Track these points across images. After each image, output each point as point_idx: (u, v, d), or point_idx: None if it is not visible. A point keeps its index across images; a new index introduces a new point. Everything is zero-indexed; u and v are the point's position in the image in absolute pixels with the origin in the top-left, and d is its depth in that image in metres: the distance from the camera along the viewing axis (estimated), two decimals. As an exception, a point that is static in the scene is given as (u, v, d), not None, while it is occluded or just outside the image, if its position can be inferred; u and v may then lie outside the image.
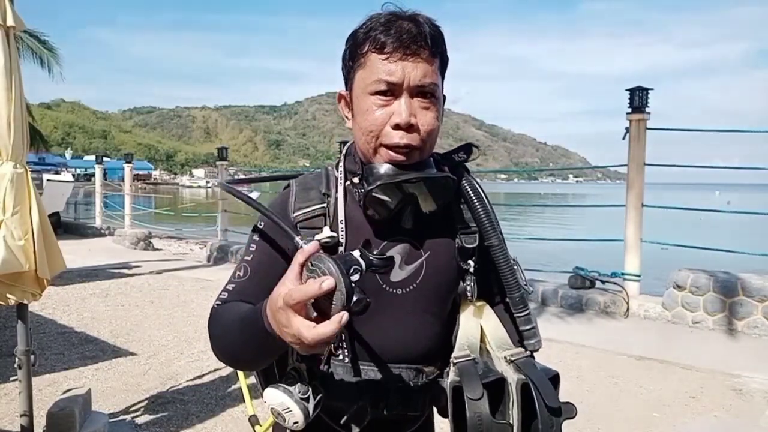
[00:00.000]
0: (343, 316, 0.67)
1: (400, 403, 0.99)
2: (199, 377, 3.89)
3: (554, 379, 0.88)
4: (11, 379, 3.68)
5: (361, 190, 0.94)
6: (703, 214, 8.32)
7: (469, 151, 1.02)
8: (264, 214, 0.98)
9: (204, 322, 0.98)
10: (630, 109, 5.79)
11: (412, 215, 0.96)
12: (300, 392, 0.88)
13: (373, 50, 0.91)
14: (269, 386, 0.90)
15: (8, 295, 2.42)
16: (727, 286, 5.08)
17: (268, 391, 0.90)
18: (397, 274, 0.98)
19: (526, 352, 0.93)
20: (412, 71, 0.90)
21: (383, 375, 0.98)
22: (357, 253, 0.76)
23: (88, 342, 4.65)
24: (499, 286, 1.02)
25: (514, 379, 0.85)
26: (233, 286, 0.98)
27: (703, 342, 4.80)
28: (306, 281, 0.70)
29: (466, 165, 1.04)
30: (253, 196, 1.10)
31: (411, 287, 0.99)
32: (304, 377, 0.92)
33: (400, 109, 0.90)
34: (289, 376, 0.92)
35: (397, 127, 0.90)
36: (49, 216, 2.82)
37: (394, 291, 0.99)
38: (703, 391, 3.71)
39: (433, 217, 0.97)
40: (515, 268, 0.98)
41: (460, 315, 1.02)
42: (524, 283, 0.99)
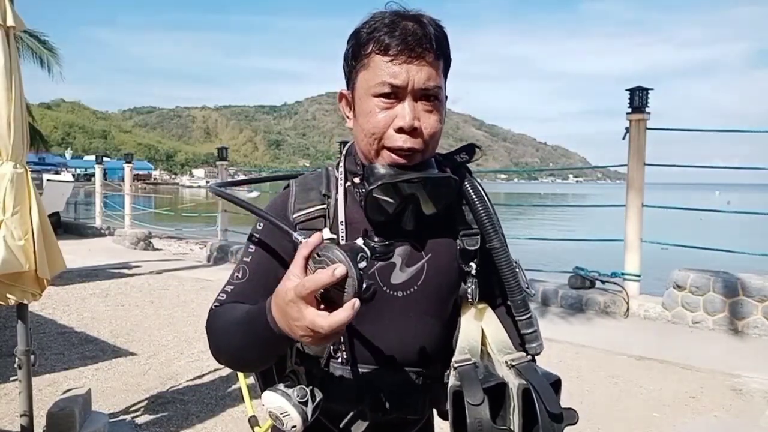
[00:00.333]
0: (355, 302, 0.67)
1: (400, 406, 0.98)
2: (199, 377, 3.89)
3: (555, 384, 0.87)
4: (11, 379, 3.68)
5: (362, 190, 0.93)
6: (703, 214, 8.32)
7: (471, 152, 1.01)
8: (256, 214, 0.97)
9: (204, 322, 0.97)
10: (630, 109, 5.79)
11: (414, 216, 0.95)
12: (298, 395, 0.87)
13: (377, 51, 0.89)
14: (267, 389, 0.89)
15: (8, 295, 2.42)
16: (727, 286, 5.08)
17: (267, 395, 0.89)
18: (398, 276, 0.97)
19: (527, 356, 0.92)
20: (417, 74, 0.88)
21: (383, 378, 0.97)
22: (360, 241, 0.76)
23: (88, 342, 4.65)
24: (500, 289, 1.01)
25: (515, 384, 0.84)
26: (231, 287, 0.96)
27: (703, 342, 4.80)
28: (314, 272, 0.70)
29: (467, 165, 1.03)
30: (253, 196, 1.10)
31: (412, 289, 0.98)
32: (303, 380, 0.91)
33: (404, 112, 0.89)
34: (288, 379, 0.91)
35: (400, 131, 0.89)
36: (49, 216, 2.82)
37: (395, 293, 0.98)
38: (703, 391, 3.71)
39: (435, 218, 0.96)
40: (517, 270, 0.97)
41: (461, 318, 1.01)
42: (526, 286, 0.98)
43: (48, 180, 12.83)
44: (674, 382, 3.89)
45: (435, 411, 1.07)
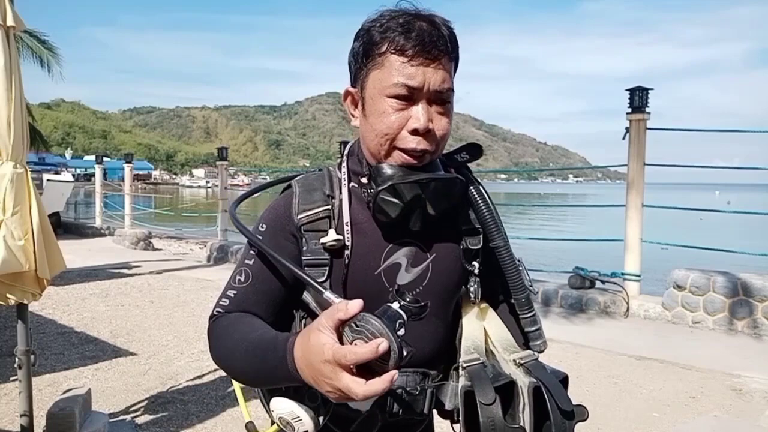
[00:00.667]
0: (394, 374, 0.67)
1: (406, 408, 0.98)
2: (199, 377, 3.89)
3: (563, 382, 0.88)
4: (11, 379, 3.68)
5: (370, 190, 0.92)
6: (703, 214, 8.32)
7: (473, 152, 1.01)
8: (265, 251, 0.93)
9: (204, 322, 0.97)
10: (630, 109, 5.79)
11: (421, 217, 0.94)
12: (310, 400, 0.85)
13: (393, 51, 0.88)
14: (276, 395, 0.88)
15: (8, 295, 2.42)
16: (727, 286, 5.08)
17: (277, 400, 0.87)
18: (404, 277, 0.97)
19: (535, 354, 0.92)
20: (432, 76, 0.88)
21: None
22: (396, 305, 0.74)
23: (88, 342, 4.65)
24: (502, 288, 1.01)
25: (525, 382, 0.84)
26: (234, 292, 0.95)
27: (703, 342, 4.80)
28: (352, 342, 0.69)
29: (467, 165, 1.03)
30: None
31: (417, 290, 0.98)
32: None
33: (419, 114, 0.88)
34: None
35: (414, 132, 0.89)
36: (49, 216, 2.82)
37: None
38: (703, 391, 3.71)
39: (438, 218, 0.96)
40: (520, 269, 0.98)
41: (463, 317, 1.01)
42: (529, 284, 0.98)
43: (48, 180, 12.83)
44: (674, 382, 3.89)
45: (435, 411, 1.07)
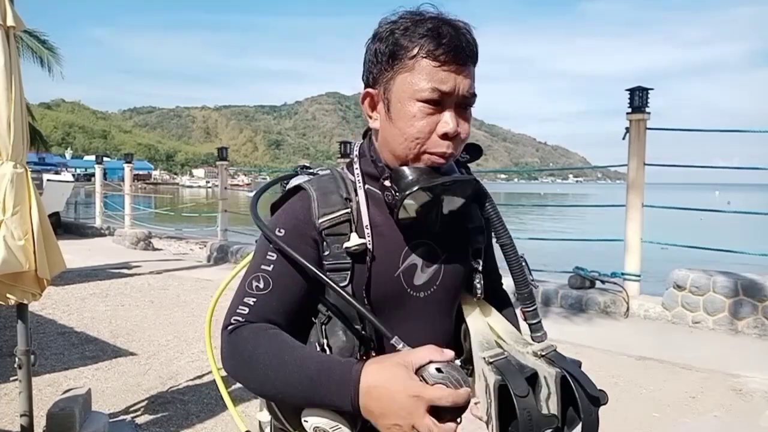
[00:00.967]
0: (456, 428, 0.77)
1: None
2: (199, 377, 3.89)
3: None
4: (11, 379, 3.68)
5: (396, 194, 0.92)
6: (703, 214, 8.31)
7: (473, 152, 1.03)
8: (299, 260, 0.91)
9: (203, 322, 0.96)
10: (630, 109, 5.79)
11: (440, 218, 0.96)
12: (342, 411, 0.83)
13: (425, 56, 0.88)
14: (309, 407, 0.85)
15: (8, 295, 2.43)
16: (727, 286, 5.08)
17: (312, 410, 0.84)
18: (420, 278, 0.99)
19: (553, 345, 0.93)
20: (462, 81, 0.89)
21: None
22: (458, 362, 0.85)
23: (88, 342, 4.65)
24: (492, 285, 1.07)
25: (551, 372, 0.85)
26: (254, 300, 0.92)
27: (703, 342, 4.80)
28: (433, 384, 0.76)
29: (467, 165, 1.05)
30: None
31: (432, 289, 1.00)
32: None
33: (449, 119, 0.90)
34: None
35: (445, 137, 0.90)
36: (49, 216, 2.82)
37: (418, 294, 0.99)
38: (703, 391, 3.71)
39: (449, 218, 0.97)
40: (524, 265, 1.01)
41: (466, 313, 1.04)
42: (531, 279, 1.02)
43: (48, 180, 12.83)
44: (674, 382, 3.89)
45: None
